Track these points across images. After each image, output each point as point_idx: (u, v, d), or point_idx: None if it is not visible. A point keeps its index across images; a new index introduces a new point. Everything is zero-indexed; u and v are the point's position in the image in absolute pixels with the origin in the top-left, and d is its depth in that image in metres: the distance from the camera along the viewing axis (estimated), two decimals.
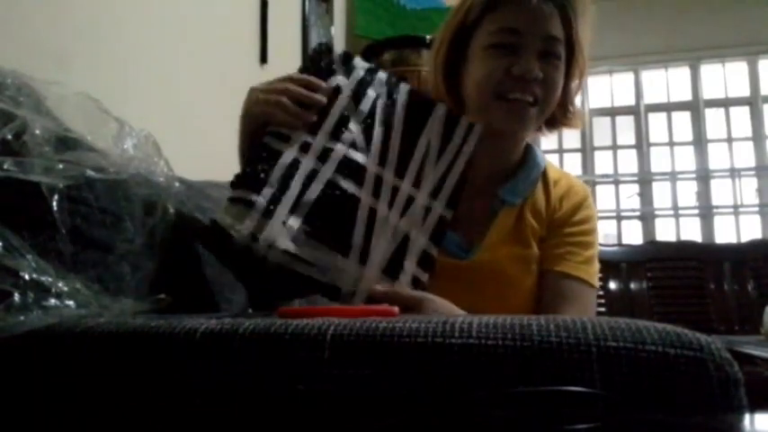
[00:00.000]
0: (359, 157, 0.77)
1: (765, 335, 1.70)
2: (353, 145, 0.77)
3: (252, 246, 0.70)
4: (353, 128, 0.78)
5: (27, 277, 0.55)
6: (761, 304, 1.91)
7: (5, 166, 0.58)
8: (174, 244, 0.88)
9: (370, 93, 0.81)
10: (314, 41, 2.28)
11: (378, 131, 0.79)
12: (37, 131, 0.62)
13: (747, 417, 0.39)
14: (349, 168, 0.76)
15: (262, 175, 0.73)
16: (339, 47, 2.57)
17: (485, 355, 0.42)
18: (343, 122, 0.78)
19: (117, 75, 1.18)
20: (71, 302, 0.57)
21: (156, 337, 0.50)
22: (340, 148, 0.76)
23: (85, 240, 0.74)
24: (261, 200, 0.71)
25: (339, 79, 0.81)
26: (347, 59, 0.84)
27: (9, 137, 0.60)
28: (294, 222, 0.71)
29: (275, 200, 0.72)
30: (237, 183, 0.73)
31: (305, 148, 0.76)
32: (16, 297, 0.54)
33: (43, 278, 0.56)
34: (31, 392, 0.52)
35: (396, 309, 0.59)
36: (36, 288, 0.56)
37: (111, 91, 1.17)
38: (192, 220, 0.91)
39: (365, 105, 0.80)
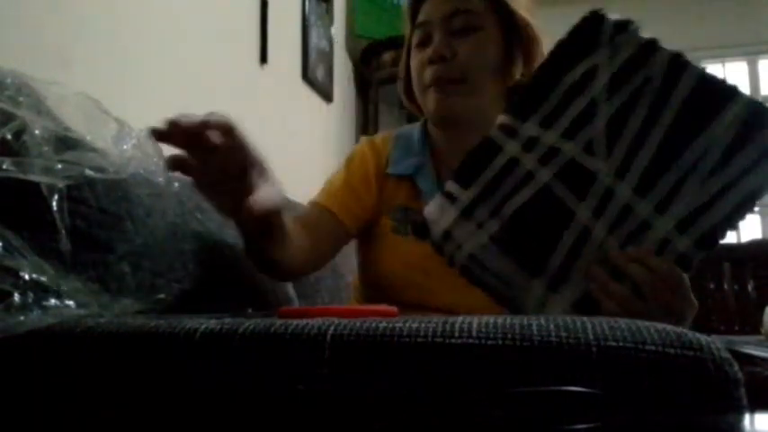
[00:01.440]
0: (591, 163, 0.62)
1: (765, 335, 1.69)
2: (589, 147, 0.62)
3: (443, 244, 0.66)
4: (597, 124, 0.62)
5: (27, 277, 0.55)
6: (761, 304, 1.91)
7: (5, 166, 0.58)
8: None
9: (638, 78, 0.61)
10: (314, 41, 2.27)
11: (630, 130, 0.61)
12: (37, 131, 0.62)
13: (747, 417, 0.39)
14: (574, 175, 0.62)
15: (475, 171, 0.65)
16: (339, 47, 2.57)
17: (485, 355, 0.42)
18: (585, 117, 0.62)
19: (117, 75, 1.18)
20: (71, 302, 0.57)
21: (156, 337, 0.50)
22: (569, 149, 0.62)
23: (85, 240, 0.74)
24: (464, 197, 0.64)
25: (599, 58, 0.62)
26: (620, 30, 0.63)
27: (9, 137, 0.60)
28: (491, 227, 0.63)
29: (479, 199, 0.64)
30: (454, 174, 0.67)
31: (529, 145, 0.63)
32: (16, 297, 0.54)
33: (43, 278, 0.57)
34: (31, 392, 0.52)
35: (395, 309, 0.58)
36: (36, 288, 0.56)
37: (111, 91, 1.17)
38: None
39: (623, 94, 0.62)
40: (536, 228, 0.62)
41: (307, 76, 2.21)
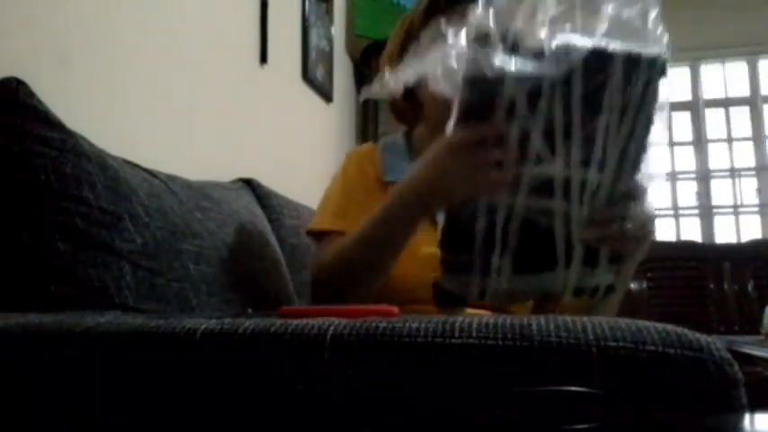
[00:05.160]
0: (545, 169, 0.68)
1: (765, 335, 1.70)
2: (539, 158, 0.67)
3: (483, 299, 0.75)
4: (534, 136, 0.67)
5: None
6: (761, 304, 1.91)
7: None
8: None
9: (539, 80, 0.65)
10: (314, 41, 2.27)
11: (558, 126, 0.66)
12: None
13: (747, 417, 0.39)
14: (539, 186, 0.68)
15: (467, 230, 0.70)
16: (339, 47, 2.57)
17: (485, 355, 0.42)
18: (523, 136, 0.67)
19: (117, 75, 1.18)
20: None
21: (156, 337, 0.50)
22: (527, 170, 0.68)
23: (85, 240, 0.74)
24: (476, 259, 0.71)
25: (507, 90, 0.66)
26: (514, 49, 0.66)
27: None
28: (506, 265, 0.71)
29: (486, 252, 0.70)
30: (445, 244, 0.73)
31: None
32: None
33: None
34: (31, 392, 0.52)
35: (395, 309, 0.58)
36: None
37: (111, 91, 1.17)
38: None
39: (540, 99, 0.66)
40: (534, 243, 0.71)
41: (307, 76, 2.21)
